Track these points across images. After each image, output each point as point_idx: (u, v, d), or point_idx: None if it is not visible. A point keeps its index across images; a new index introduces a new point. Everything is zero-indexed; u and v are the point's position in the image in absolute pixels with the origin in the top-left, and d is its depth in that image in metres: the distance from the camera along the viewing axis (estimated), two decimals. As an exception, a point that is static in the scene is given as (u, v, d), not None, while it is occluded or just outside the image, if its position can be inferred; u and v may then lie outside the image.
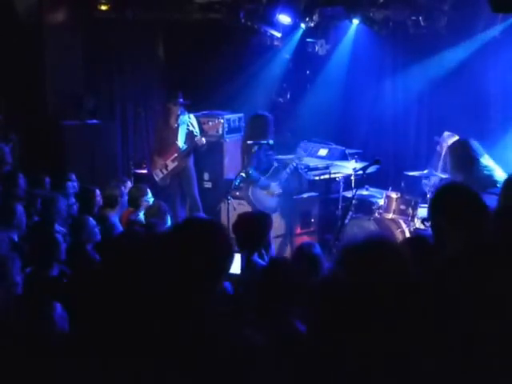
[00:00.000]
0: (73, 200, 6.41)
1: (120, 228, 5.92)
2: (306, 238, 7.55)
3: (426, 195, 6.85)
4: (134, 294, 2.54)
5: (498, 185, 5.63)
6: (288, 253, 7.29)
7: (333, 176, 8.06)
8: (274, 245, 6.97)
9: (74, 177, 7.19)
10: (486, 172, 5.80)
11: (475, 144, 6.00)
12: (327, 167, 8.01)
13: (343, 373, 2.12)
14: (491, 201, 3.78)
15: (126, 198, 6.33)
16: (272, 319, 3.20)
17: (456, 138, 7.57)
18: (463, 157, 5.89)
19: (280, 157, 7.89)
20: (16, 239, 5.25)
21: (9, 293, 3.86)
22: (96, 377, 2.32)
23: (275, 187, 7.34)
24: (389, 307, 2.12)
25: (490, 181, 5.72)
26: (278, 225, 7.28)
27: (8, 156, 7.26)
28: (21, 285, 4.05)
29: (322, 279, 2.58)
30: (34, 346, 2.91)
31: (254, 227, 4.81)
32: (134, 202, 6.43)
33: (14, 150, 7.80)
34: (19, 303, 3.62)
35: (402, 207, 7.24)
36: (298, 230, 7.88)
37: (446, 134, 7.48)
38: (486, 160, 5.98)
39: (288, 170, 7.33)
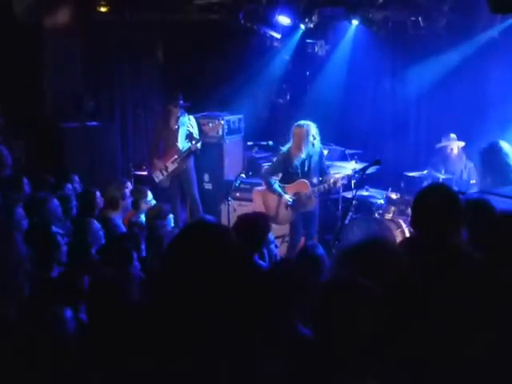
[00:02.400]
0: (74, 202, 6.37)
1: (123, 229, 5.92)
2: (307, 239, 7.54)
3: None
4: (137, 298, 2.54)
5: None
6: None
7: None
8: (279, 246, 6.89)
9: (76, 178, 7.14)
10: None
11: (506, 147, 5.92)
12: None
13: (344, 373, 2.13)
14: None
15: (130, 200, 6.31)
16: (273, 320, 3.20)
17: (455, 140, 7.61)
18: (492, 160, 5.81)
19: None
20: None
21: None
22: (97, 377, 2.32)
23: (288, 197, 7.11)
24: (390, 306, 2.13)
25: None
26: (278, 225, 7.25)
27: (8, 158, 7.22)
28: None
29: (325, 280, 2.59)
30: (35, 346, 2.91)
31: (253, 228, 4.80)
32: (135, 203, 6.42)
33: (21, 155, 7.77)
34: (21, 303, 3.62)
35: (402, 207, 7.26)
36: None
37: (452, 135, 7.53)
38: None
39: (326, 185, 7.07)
